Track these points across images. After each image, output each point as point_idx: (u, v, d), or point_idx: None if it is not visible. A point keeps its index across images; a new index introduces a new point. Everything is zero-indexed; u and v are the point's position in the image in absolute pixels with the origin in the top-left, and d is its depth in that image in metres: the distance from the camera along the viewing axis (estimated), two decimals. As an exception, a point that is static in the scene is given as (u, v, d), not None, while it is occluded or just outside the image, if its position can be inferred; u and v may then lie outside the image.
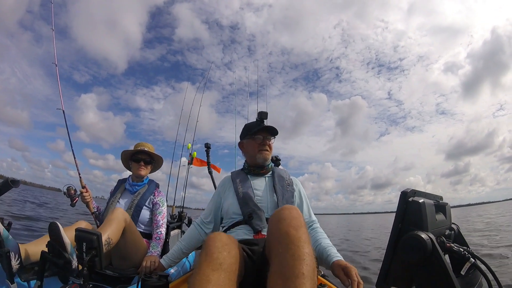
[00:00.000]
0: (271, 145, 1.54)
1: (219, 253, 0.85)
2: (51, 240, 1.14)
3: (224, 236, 0.94)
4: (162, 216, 1.96)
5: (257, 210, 1.33)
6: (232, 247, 0.91)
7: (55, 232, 1.13)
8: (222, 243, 0.89)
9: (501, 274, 3.06)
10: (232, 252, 0.89)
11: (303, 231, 0.88)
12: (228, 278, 0.82)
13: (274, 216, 0.97)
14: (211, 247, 0.87)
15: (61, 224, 1.16)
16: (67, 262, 1.10)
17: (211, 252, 0.85)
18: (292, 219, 0.90)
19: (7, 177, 1.24)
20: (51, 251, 1.14)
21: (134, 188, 2.02)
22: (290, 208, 0.97)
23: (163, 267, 1.45)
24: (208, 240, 0.92)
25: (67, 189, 1.92)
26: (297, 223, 0.89)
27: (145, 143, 2.12)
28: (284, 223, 0.89)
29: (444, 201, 1.02)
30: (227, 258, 0.85)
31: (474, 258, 0.83)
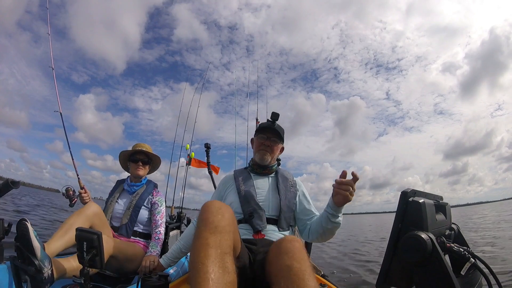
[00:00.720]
0: (274, 147, 1.52)
1: (214, 217, 0.89)
2: (19, 243, 1.00)
3: (216, 202, 0.98)
4: (161, 216, 1.96)
5: (258, 209, 1.33)
6: (225, 210, 0.94)
7: (23, 232, 0.99)
8: (216, 208, 0.93)
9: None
10: (226, 215, 0.92)
11: (307, 264, 0.86)
12: (224, 239, 0.85)
13: (275, 248, 0.95)
14: (207, 212, 0.91)
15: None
16: (38, 271, 0.98)
17: (206, 217, 0.89)
18: (295, 252, 0.88)
19: (7, 178, 1.24)
20: (20, 256, 1.01)
21: (132, 188, 2.02)
22: (292, 240, 0.94)
23: (163, 267, 1.45)
24: (204, 207, 0.95)
25: (66, 190, 1.92)
26: (300, 256, 0.87)
27: (142, 144, 2.12)
28: (286, 257, 0.87)
29: (444, 201, 1.02)
30: (221, 220, 0.89)
31: (474, 258, 0.83)
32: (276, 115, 1.51)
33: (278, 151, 1.58)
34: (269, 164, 1.54)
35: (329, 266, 4.55)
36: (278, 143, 1.54)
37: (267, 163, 1.52)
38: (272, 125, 1.51)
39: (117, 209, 1.94)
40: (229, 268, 0.79)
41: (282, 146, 1.61)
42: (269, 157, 1.51)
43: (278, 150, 1.57)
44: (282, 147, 1.62)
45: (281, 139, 1.54)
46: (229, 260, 0.82)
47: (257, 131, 1.58)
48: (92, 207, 1.62)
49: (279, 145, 1.55)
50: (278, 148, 1.56)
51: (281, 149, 1.62)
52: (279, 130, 1.53)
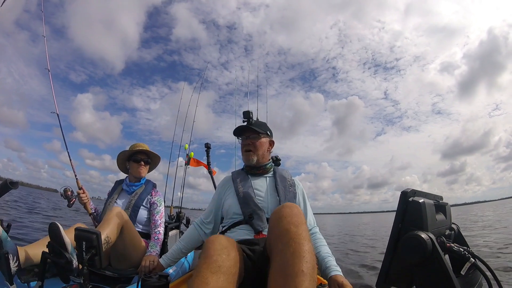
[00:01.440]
0: (256, 143, 1.47)
1: (218, 256, 0.85)
2: (51, 241, 1.14)
3: (223, 238, 0.94)
4: (160, 216, 1.96)
5: (258, 210, 1.32)
6: (231, 249, 0.91)
7: (55, 232, 1.12)
8: (222, 246, 0.89)
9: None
10: (232, 255, 0.89)
11: (303, 228, 0.88)
12: (227, 281, 0.82)
13: (274, 213, 0.98)
14: (210, 249, 0.87)
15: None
16: (68, 262, 1.10)
17: (210, 255, 0.85)
18: (293, 216, 0.91)
19: (6, 178, 1.24)
20: (52, 251, 1.14)
21: (131, 188, 2.02)
22: (291, 205, 0.98)
23: (162, 267, 1.45)
24: (207, 242, 0.92)
25: (64, 191, 1.92)
26: (297, 220, 0.90)
27: (141, 144, 2.12)
28: (285, 221, 0.90)
29: (444, 201, 1.02)
30: (226, 260, 0.85)
31: (474, 258, 0.83)
32: (247, 113, 1.48)
33: (264, 146, 1.51)
34: (261, 164, 1.50)
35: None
36: (259, 138, 1.48)
37: (254, 162, 1.48)
38: (248, 124, 1.48)
39: (116, 209, 1.93)
40: None
41: (269, 139, 1.55)
42: (254, 155, 1.47)
43: (263, 145, 1.50)
44: (269, 141, 1.55)
45: (261, 132, 1.49)
46: None
47: (235, 135, 1.55)
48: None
49: (261, 139, 1.49)
50: (262, 143, 1.49)
51: (270, 143, 1.55)
52: (256, 125, 1.49)
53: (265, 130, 1.52)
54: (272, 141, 1.57)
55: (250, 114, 1.50)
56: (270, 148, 1.56)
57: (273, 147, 1.59)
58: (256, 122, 1.54)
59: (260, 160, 1.50)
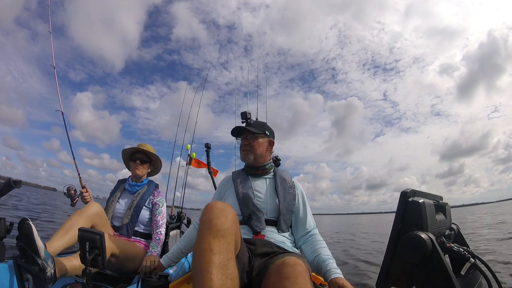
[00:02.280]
0: (253, 143, 1.46)
1: (217, 219, 0.86)
2: (22, 242, 1.02)
3: (219, 203, 0.96)
4: (162, 216, 1.96)
5: (257, 211, 1.33)
6: (228, 212, 0.92)
7: (26, 232, 1.00)
8: (219, 210, 0.91)
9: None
10: (229, 217, 0.90)
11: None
12: (227, 243, 0.84)
13: (275, 272, 0.90)
14: (209, 213, 0.89)
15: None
16: (41, 270, 0.99)
17: (209, 219, 0.87)
18: (297, 277, 0.84)
19: (9, 177, 1.24)
20: (23, 255, 1.03)
21: (133, 188, 2.03)
22: (294, 264, 0.89)
23: (163, 267, 1.45)
24: (206, 208, 0.93)
25: (67, 190, 1.93)
26: (302, 281, 0.83)
27: (144, 144, 2.13)
28: (288, 282, 0.83)
29: (444, 201, 1.02)
30: (224, 223, 0.86)
31: (474, 258, 0.83)
32: (244, 114, 1.49)
33: (262, 147, 1.49)
34: (260, 164, 1.49)
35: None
36: (257, 138, 1.47)
37: (250, 161, 1.47)
38: (246, 125, 1.49)
39: (118, 209, 1.94)
40: (232, 275, 0.78)
41: (268, 140, 1.53)
42: (251, 155, 1.46)
43: (260, 145, 1.48)
44: (268, 141, 1.53)
45: (257, 133, 1.48)
46: (232, 266, 0.80)
47: (233, 135, 1.55)
48: (94, 207, 1.62)
49: (258, 140, 1.48)
50: (260, 144, 1.48)
51: (269, 143, 1.53)
52: (253, 126, 1.49)
53: (263, 130, 1.51)
54: (272, 141, 1.55)
55: (248, 115, 1.51)
56: (269, 148, 1.55)
57: (273, 147, 1.57)
58: (255, 123, 1.54)
59: (259, 160, 1.49)
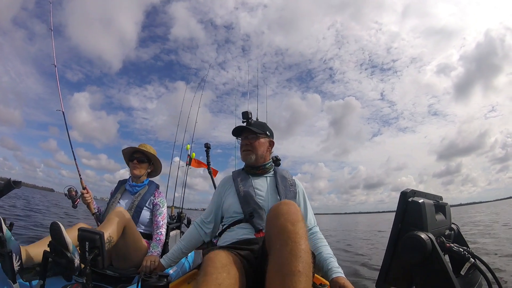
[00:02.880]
0: (254, 143, 1.47)
1: (218, 274, 0.84)
2: (53, 240, 1.15)
3: (223, 256, 0.93)
4: (162, 217, 1.97)
5: (258, 209, 1.33)
6: (231, 267, 0.90)
7: (57, 231, 1.13)
8: (222, 264, 0.88)
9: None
10: (232, 272, 0.88)
11: (300, 225, 0.88)
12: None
13: (272, 211, 0.97)
14: (210, 267, 0.86)
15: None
16: (70, 261, 1.12)
17: (209, 273, 0.84)
18: (290, 214, 0.90)
19: (8, 178, 1.25)
20: (53, 250, 1.15)
21: (134, 189, 2.03)
22: (288, 203, 0.96)
23: (163, 267, 1.46)
24: (206, 259, 0.91)
25: (68, 191, 1.93)
26: (294, 217, 0.89)
27: (144, 145, 2.13)
28: (282, 218, 0.89)
29: (444, 201, 1.02)
30: (226, 279, 0.84)
31: (474, 258, 0.83)
32: (245, 114, 1.49)
33: (263, 147, 1.51)
34: (260, 164, 1.51)
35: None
36: (258, 138, 1.49)
37: (252, 161, 1.48)
38: (246, 124, 1.49)
39: (118, 209, 1.94)
40: None
41: (269, 140, 1.54)
42: (253, 155, 1.47)
43: (262, 145, 1.50)
44: (269, 141, 1.55)
45: (259, 133, 1.49)
46: None
47: (234, 135, 1.56)
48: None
49: (260, 140, 1.49)
50: (261, 143, 1.49)
51: (270, 143, 1.55)
52: (254, 125, 1.50)
53: (264, 130, 1.52)
54: (272, 142, 1.57)
55: (249, 115, 1.51)
56: (270, 148, 1.56)
57: (273, 147, 1.59)
58: (256, 123, 1.55)
59: (259, 160, 1.50)
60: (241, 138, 1.53)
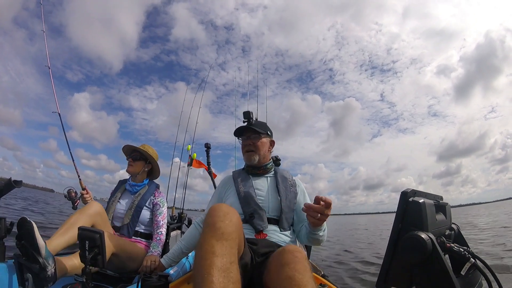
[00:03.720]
0: (257, 143, 1.47)
1: (221, 222, 0.86)
2: (23, 240, 1.03)
3: (224, 205, 0.95)
4: (163, 217, 1.96)
5: (259, 210, 1.33)
6: (232, 215, 0.91)
7: (27, 230, 1.01)
8: (223, 212, 0.90)
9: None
10: (233, 220, 0.89)
11: (309, 275, 0.84)
12: (229, 246, 0.83)
13: (276, 259, 0.92)
14: (214, 216, 0.88)
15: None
16: (42, 268, 1.00)
17: (213, 222, 0.86)
18: (296, 263, 0.85)
19: (9, 177, 1.25)
20: (24, 253, 1.03)
21: (134, 188, 2.03)
22: (294, 250, 0.90)
23: (163, 267, 1.45)
24: (210, 210, 0.93)
25: (68, 192, 1.92)
26: (302, 267, 0.84)
27: (144, 145, 2.13)
28: (288, 268, 0.84)
29: (444, 201, 1.02)
30: (228, 226, 0.86)
31: (474, 258, 0.83)
32: (247, 114, 1.49)
33: (265, 146, 1.51)
34: (262, 164, 1.50)
35: (328, 266, 4.54)
36: (260, 137, 1.48)
37: (255, 162, 1.48)
38: (248, 124, 1.49)
39: (118, 209, 1.94)
40: (234, 278, 0.77)
41: (270, 139, 1.54)
42: (256, 155, 1.47)
43: (264, 145, 1.50)
44: (270, 140, 1.55)
45: (261, 133, 1.49)
46: (234, 270, 0.79)
47: (236, 135, 1.56)
48: (95, 206, 1.62)
49: (262, 139, 1.49)
50: (263, 143, 1.49)
51: (271, 143, 1.55)
52: (256, 125, 1.49)
53: (266, 130, 1.52)
54: (273, 141, 1.57)
55: (251, 114, 1.51)
56: (270, 148, 1.56)
57: (273, 147, 1.59)
58: (257, 122, 1.55)
59: (262, 160, 1.50)
60: (243, 139, 1.53)
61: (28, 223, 1.03)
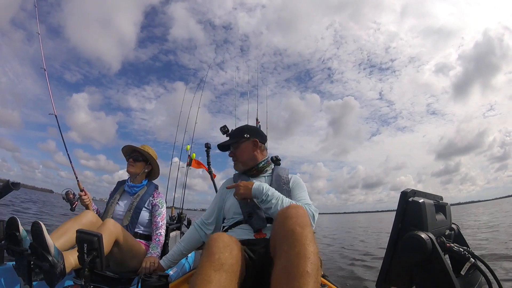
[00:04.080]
0: (237, 152, 1.52)
1: (221, 253, 0.85)
2: (34, 241, 1.09)
3: (226, 236, 0.94)
4: (162, 218, 1.96)
5: (257, 209, 1.33)
6: (234, 247, 0.91)
7: (37, 232, 1.08)
8: (224, 244, 0.89)
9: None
10: (234, 252, 0.89)
11: (309, 229, 0.88)
12: (229, 279, 0.82)
13: (280, 214, 0.97)
14: (213, 247, 0.87)
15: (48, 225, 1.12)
16: (52, 266, 1.05)
17: (213, 253, 0.85)
18: (298, 217, 0.90)
19: (7, 179, 1.24)
20: (34, 253, 1.09)
21: (133, 189, 2.02)
22: (297, 206, 0.97)
23: (163, 268, 1.45)
24: (210, 240, 0.92)
25: (66, 194, 1.92)
26: (303, 221, 0.89)
27: (145, 146, 2.13)
28: (290, 221, 0.89)
29: (444, 201, 1.02)
30: (228, 258, 0.85)
31: (474, 258, 0.83)
32: (223, 128, 1.61)
33: (247, 150, 1.51)
34: (252, 166, 1.51)
35: (328, 266, 4.55)
36: (239, 145, 1.51)
37: (240, 169, 1.54)
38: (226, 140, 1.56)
39: (117, 210, 1.94)
40: None
41: (252, 140, 1.51)
42: (239, 163, 1.53)
43: (244, 149, 1.51)
44: (252, 141, 1.51)
45: (237, 138, 1.52)
46: None
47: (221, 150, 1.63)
48: (89, 216, 1.62)
49: (241, 146, 1.51)
50: (243, 149, 1.51)
51: (254, 143, 1.51)
52: (232, 135, 1.56)
53: (242, 134, 1.52)
54: (255, 141, 1.52)
55: (225, 128, 1.61)
56: (256, 148, 1.52)
57: (260, 145, 1.55)
58: (233, 131, 1.59)
59: (249, 163, 1.51)
60: (229, 152, 1.58)
61: (37, 224, 1.08)
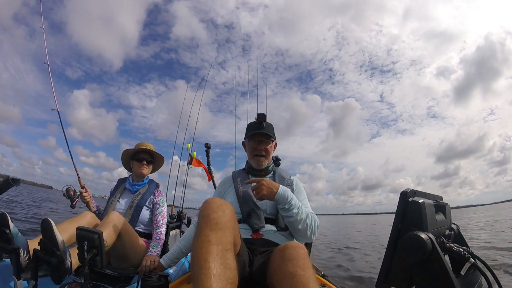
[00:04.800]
0: (269, 148, 1.50)
1: (215, 213, 0.90)
2: (43, 238, 1.12)
3: (217, 199, 0.99)
4: (162, 216, 1.96)
5: (256, 209, 1.34)
6: (226, 207, 0.95)
7: (48, 229, 1.10)
8: (217, 205, 0.94)
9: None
10: (226, 212, 0.93)
11: (311, 271, 0.85)
12: (224, 235, 0.86)
13: (278, 254, 0.93)
14: (208, 209, 0.92)
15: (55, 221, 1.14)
16: (60, 261, 1.08)
17: (207, 214, 0.90)
18: (299, 259, 0.86)
19: (7, 175, 1.24)
20: (44, 249, 1.12)
21: (134, 188, 2.02)
22: (296, 246, 0.92)
23: (163, 267, 1.45)
24: (204, 203, 0.96)
25: (67, 190, 1.92)
26: (304, 263, 0.86)
27: (146, 143, 2.13)
28: (290, 264, 0.85)
29: (444, 201, 1.02)
30: (222, 217, 0.89)
31: (474, 258, 0.83)
32: (262, 116, 1.48)
33: (272, 150, 1.56)
34: (266, 166, 1.53)
35: (328, 266, 4.55)
36: (271, 143, 1.52)
37: (264, 167, 1.52)
38: (260, 128, 1.48)
39: (118, 208, 1.94)
40: (230, 265, 0.80)
41: (275, 141, 1.57)
42: (266, 160, 1.51)
43: (273, 149, 1.55)
44: (275, 143, 1.58)
45: (273, 138, 1.52)
46: (230, 257, 0.82)
47: (247, 135, 1.55)
48: (87, 218, 1.62)
49: (272, 144, 1.53)
50: (272, 147, 1.54)
51: (274, 145, 1.59)
52: (268, 130, 1.50)
53: (274, 133, 1.54)
54: (276, 143, 1.59)
55: (264, 118, 1.49)
56: (274, 149, 1.59)
57: (275, 149, 1.61)
58: (268, 125, 1.52)
59: (268, 162, 1.53)
60: (254, 141, 1.51)
61: (47, 221, 1.11)
